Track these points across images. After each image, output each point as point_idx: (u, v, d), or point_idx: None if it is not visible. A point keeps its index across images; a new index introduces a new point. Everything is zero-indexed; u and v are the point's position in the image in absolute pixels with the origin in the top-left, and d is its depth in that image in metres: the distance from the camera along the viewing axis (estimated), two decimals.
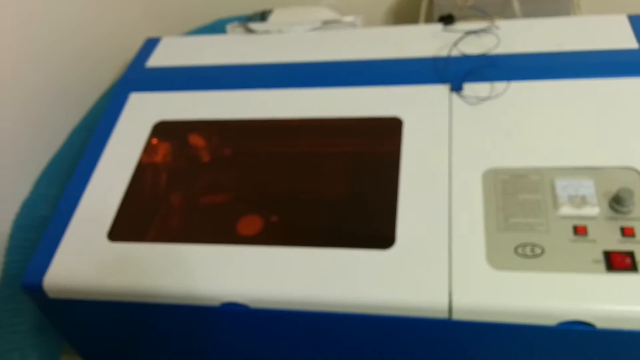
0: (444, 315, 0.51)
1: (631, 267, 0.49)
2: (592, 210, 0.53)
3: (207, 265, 0.57)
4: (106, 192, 0.65)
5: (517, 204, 0.55)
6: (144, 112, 0.72)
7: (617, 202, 0.52)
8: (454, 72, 0.66)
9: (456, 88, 0.64)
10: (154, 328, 0.61)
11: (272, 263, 0.55)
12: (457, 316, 0.51)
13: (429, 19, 0.86)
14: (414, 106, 0.64)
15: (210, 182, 0.74)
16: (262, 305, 0.55)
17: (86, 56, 0.91)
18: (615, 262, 0.50)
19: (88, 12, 0.91)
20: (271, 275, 0.55)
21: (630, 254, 0.50)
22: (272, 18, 0.85)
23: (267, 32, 0.79)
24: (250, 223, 0.66)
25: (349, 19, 0.78)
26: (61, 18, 0.85)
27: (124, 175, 0.66)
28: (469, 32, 0.69)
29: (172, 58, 0.78)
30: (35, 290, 0.59)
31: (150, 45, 0.82)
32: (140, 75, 0.77)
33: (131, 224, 0.64)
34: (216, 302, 0.56)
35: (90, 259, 0.59)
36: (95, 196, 0.65)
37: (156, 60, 0.79)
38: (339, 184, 0.69)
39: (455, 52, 0.68)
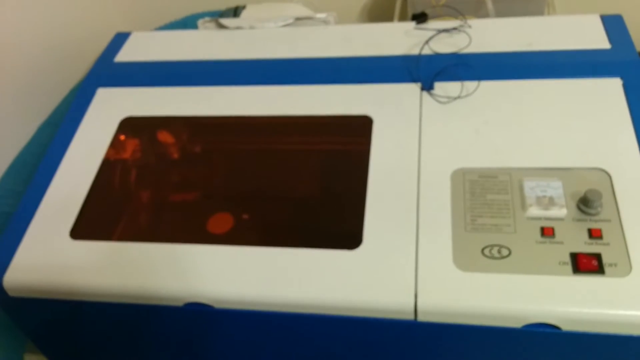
0: (409, 316, 0.50)
1: (597, 269, 0.49)
2: (560, 211, 0.52)
3: (172, 264, 0.55)
4: (70, 189, 0.63)
5: (485, 204, 0.54)
6: (111, 107, 0.70)
7: (584, 204, 0.52)
8: (425, 71, 0.65)
9: (427, 87, 0.63)
10: (117, 328, 0.60)
11: (237, 263, 0.54)
12: (422, 318, 0.50)
13: (403, 17, 0.86)
14: (384, 105, 0.63)
15: (177, 179, 0.73)
16: (227, 305, 0.54)
17: (56, 51, 0.89)
18: (582, 264, 0.49)
19: (59, 6, 0.89)
20: (236, 275, 0.54)
21: (597, 256, 0.49)
22: (245, 14, 0.84)
23: (238, 27, 0.78)
24: (218, 222, 0.65)
25: (321, 16, 0.77)
26: (31, 12, 0.83)
27: (89, 172, 0.64)
28: (441, 31, 0.69)
29: (141, 53, 0.77)
30: None
31: (119, 40, 0.80)
32: (108, 71, 0.75)
33: (95, 222, 0.62)
34: (180, 303, 0.54)
35: (51, 257, 0.58)
36: (58, 193, 0.63)
37: (125, 55, 0.77)
38: (308, 182, 0.68)
39: (427, 51, 0.67)
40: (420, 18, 0.71)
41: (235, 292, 0.53)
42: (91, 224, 0.61)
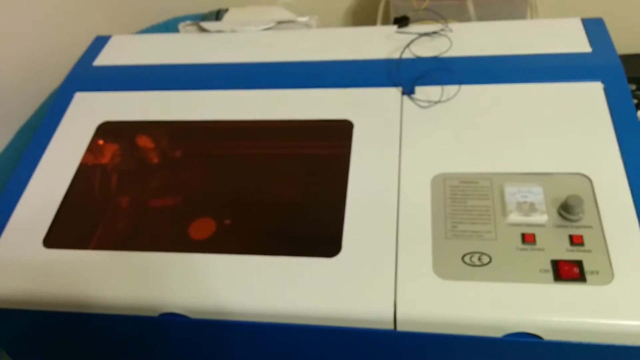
0: (389, 326, 0.49)
1: (579, 277, 0.48)
2: (541, 217, 0.51)
3: (147, 273, 0.54)
4: (44, 196, 0.61)
5: (465, 210, 0.53)
6: (88, 112, 0.69)
7: (565, 210, 0.51)
8: (406, 75, 0.64)
9: (408, 91, 0.63)
10: (92, 338, 0.58)
11: (213, 272, 0.53)
12: (401, 327, 0.49)
13: (386, 21, 0.85)
14: (365, 109, 0.62)
15: (155, 185, 0.71)
16: (202, 316, 0.52)
17: (36, 54, 0.87)
18: (563, 271, 0.48)
19: (39, 9, 0.87)
20: (212, 284, 0.52)
21: (579, 263, 0.49)
22: (227, 17, 0.83)
23: (219, 31, 0.77)
24: (196, 229, 0.64)
25: (303, 19, 0.76)
26: (10, 14, 0.82)
27: (65, 178, 0.63)
28: (422, 35, 0.68)
29: (120, 57, 0.75)
30: None
31: (99, 43, 0.79)
32: (86, 74, 0.74)
33: (70, 229, 0.61)
34: (155, 313, 0.53)
35: (23, 266, 0.56)
36: (32, 200, 0.61)
37: (104, 59, 0.76)
38: (287, 188, 0.67)
39: (408, 55, 0.66)
40: (402, 22, 0.70)
41: (211, 302, 0.52)
42: (66, 232, 0.60)
